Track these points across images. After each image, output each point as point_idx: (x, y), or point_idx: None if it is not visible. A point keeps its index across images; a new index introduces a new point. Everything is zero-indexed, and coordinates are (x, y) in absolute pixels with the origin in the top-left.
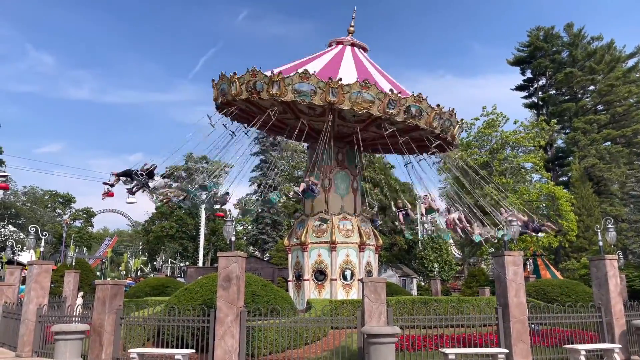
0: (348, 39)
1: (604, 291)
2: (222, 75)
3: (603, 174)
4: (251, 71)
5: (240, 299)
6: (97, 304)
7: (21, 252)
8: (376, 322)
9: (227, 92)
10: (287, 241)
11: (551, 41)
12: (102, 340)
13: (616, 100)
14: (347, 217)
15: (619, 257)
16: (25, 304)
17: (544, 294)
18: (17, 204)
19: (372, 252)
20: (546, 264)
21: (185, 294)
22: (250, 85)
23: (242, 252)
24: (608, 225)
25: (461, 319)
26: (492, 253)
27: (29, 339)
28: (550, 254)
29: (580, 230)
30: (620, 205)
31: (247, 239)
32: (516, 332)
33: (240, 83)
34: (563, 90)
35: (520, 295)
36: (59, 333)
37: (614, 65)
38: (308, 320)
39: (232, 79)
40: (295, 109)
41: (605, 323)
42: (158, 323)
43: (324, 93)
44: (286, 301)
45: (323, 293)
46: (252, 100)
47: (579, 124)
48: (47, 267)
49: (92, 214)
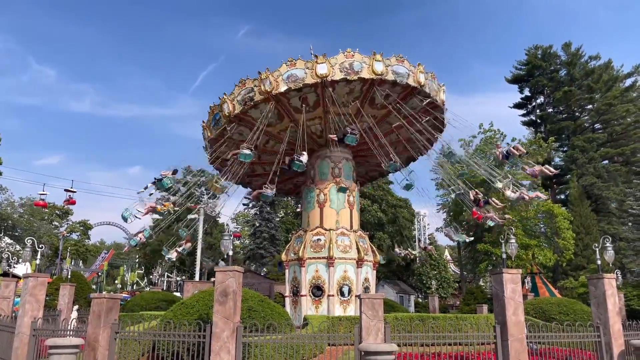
0: None
1: (602, 310)
2: (212, 108)
3: (601, 193)
4: (239, 83)
5: (236, 314)
6: (92, 318)
7: (17, 265)
8: (373, 340)
9: (221, 118)
10: (285, 256)
11: (549, 60)
12: (97, 354)
13: (614, 119)
14: (345, 232)
15: (617, 276)
16: (19, 316)
17: (542, 313)
18: (14, 215)
19: (370, 268)
20: (544, 282)
21: (181, 308)
22: (243, 95)
23: (239, 266)
24: (606, 243)
25: (459, 336)
26: (491, 271)
27: (22, 353)
28: (549, 272)
29: (578, 248)
30: (618, 224)
31: (245, 253)
32: (514, 350)
33: (231, 99)
34: (561, 108)
35: (519, 313)
36: (53, 347)
37: (612, 84)
38: (305, 337)
39: (224, 100)
40: (289, 107)
41: (604, 343)
42: (153, 338)
43: (313, 70)
44: (283, 317)
45: (320, 309)
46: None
47: (577, 142)
48: (43, 280)
49: (89, 227)
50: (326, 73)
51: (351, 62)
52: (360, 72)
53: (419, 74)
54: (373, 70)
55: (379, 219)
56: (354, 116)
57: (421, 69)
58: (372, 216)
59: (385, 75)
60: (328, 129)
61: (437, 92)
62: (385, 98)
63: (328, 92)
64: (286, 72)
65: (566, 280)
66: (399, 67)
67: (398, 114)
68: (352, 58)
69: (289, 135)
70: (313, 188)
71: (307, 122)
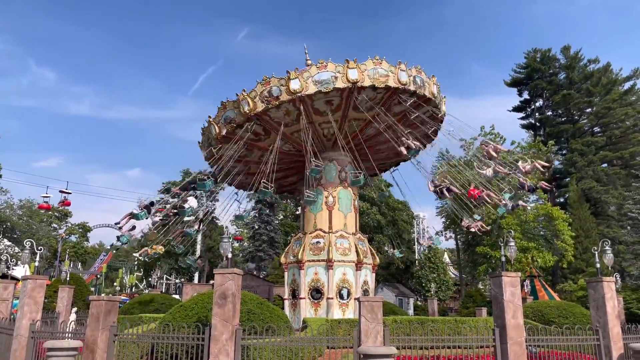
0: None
1: (601, 313)
2: (223, 104)
3: (600, 196)
4: (262, 81)
5: (235, 317)
6: (90, 320)
7: (15, 267)
8: (372, 342)
9: (237, 115)
10: (284, 259)
11: (548, 63)
12: (95, 357)
13: (613, 123)
14: (345, 235)
15: (616, 280)
16: (18, 319)
17: (541, 316)
18: (13, 217)
19: (369, 271)
20: (543, 285)
21: (180, 311)
22: (265, 94)
23: (238, 269)
24: (605, 247)
25: (458, 339)
26: (490, 274)
27: (21, 355)
28: (548, 275)
29: (577, 251)
30: (617, 227)
31: (244, 255)
32: (514, 354)
33: (252, 97)
34: (560, 111)
35: (518, 316)
36: (52, 349)
37: (611, 87)
38: (304, 340)
39: (243, 97)
40: (311, 108)
41: (603, 346)
42: (152, 340)
43: (345, 75)
44: (282, 320)
45: (319, 312)
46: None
47: (576, 146)
48: (41, 282)
49: (88, 229)
50: (357, 79)
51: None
52: (387, 81)
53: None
54: (398, 80)
55: (378, 221)
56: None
57: (434, 80)
58: (371, 219)
59: (408, 85)
60: (342, 132)
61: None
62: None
63: (353, 97)
64: (316, 74)
65: (565, 284)
66: (418, 77)
67: (405, 121)
68: (380, 66)
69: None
70: (321, 190)
71: (323, 124)
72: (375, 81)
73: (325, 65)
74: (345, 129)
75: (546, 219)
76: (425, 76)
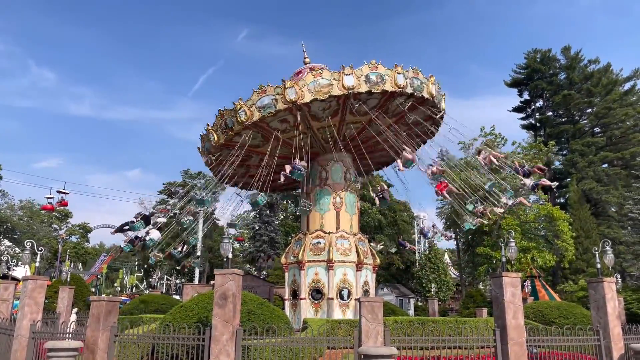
0: (307, 66)
1: (602, 314)
2: (221, 112)
3: (601, 196)
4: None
5: (236, 318)
6: (91, 321)
7: (16, 267)
8: (373, 343)
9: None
10: (284, 259)
11: (548, 63)
12: (96, 357)
13: (613, 123)
14: (345, 235)
15: (617, 280)
16: (18, 319)
17: (541, 316)
18: (13, 218)
19: (370, 271)
20: (544, 285)
21: (180, 311)
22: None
23: (238, 269)
24: (606, 247)
25: (459, 340)
26: (490, 274)
27: (21, 356)
28: (548, 275)
29: (578, 252)
30: (618, 228)
31: (244, 256)
32: (514, 354)
33: (249, 106)
34: (560, 112)
35: (518, 317)
36: (52, 350)
37: (611, 88)
38: (304, 340)
39: (240, 106)
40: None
41: (604, 346)
42: (152, 341)
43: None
44: (282, 320)
45: (319, 312)
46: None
47: (577, 146)
48: (42, 283)
49: (89, 229)
50: (353, 85)
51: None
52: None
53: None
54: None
55: (379, 221)
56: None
57: (433, 80)
58: (371, 219)
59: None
60: (340, 135)
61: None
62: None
63: (349, 103)
64: (311, 82)
65: (566, 284)
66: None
67: (402, 122)
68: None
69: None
70: (328, 190)
71: (321, 129)
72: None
73: (320, 74)
74: (344, 132)
75: (547, 219)
76: (423, 77)
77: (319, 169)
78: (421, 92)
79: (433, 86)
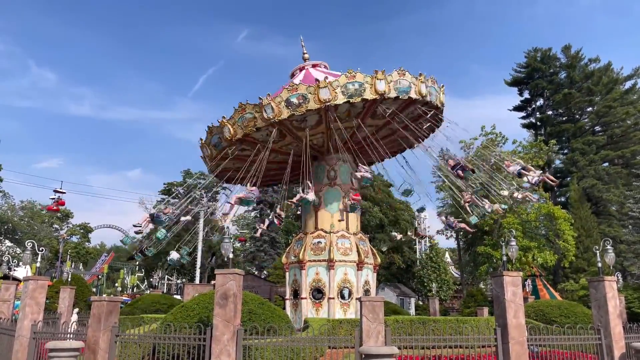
0: (308, 63)
1: (603, 313)
2: (210, 128)
3: (602, 195)
4: (238, 107)
5: (237, 317)
6: (92, 321)
7: (17, 268)
8: (374, 342)
9: (221, 140)
10: (285, 259)
11: (549, 62)
12: (97, 357)
13: (614, 122)
14: (346, 235)
15: (618, 279)
16: (19, 320)
17: (542, 315)
18: (14, 218)
19: (370, 271)
20: (545, 284)
21: (181, 311)
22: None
23: (239, 269)
24: (607, 246)
25: (460, 339)
26: (491, 273)
27: (22, 356)
28: (549, 274)
29: (579, 251)
30: (618, 227)
31: (245, 256)
32: (515, 353)
33: (232, 123)
34: (561, 111)
35: (519, 316)
36: (53, 350)
37: (612, 86)
38: (305, 340)
39: (223, 124)
40: (292, 127)
41: (605, 345)
42: (153, 341)
43: (316, 96)
44: (283, 320)
45: (320, 312)
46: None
47: (577, 145)
48: (43, 283)
49: (90, 230)
50: (384, 90)
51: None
52: (363, 94)
53: (420, 85)
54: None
55: (380, 219)
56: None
57: (443, 89)
58: (373, 217)
59: (388, 93)
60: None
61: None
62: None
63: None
64: (287, 97)
65: (567, 283)
66: (433, 88)
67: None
68: (354, 79)
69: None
70: (339, 190)
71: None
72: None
73: (296, 89)
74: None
75: (547, 218)
76: (437, 86)
77: (327, 168)
78: (435, 101)
79: (443, 95)
